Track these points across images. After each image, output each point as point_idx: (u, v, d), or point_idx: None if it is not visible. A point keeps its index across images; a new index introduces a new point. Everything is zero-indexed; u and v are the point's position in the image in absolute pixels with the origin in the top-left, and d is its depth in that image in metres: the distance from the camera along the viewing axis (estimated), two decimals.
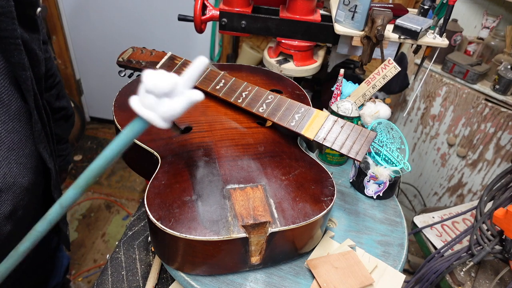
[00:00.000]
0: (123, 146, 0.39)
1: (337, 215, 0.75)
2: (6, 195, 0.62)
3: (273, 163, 0.65)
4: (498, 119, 1.50)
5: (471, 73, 1.52)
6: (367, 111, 0.84)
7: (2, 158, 0.60)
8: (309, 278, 0.63)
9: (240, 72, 0.88)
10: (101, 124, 2.57)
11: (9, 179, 0.62)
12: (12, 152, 0.62)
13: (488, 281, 0.89)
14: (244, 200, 0.58)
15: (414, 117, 1.79)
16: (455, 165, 1.70)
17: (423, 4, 0.92)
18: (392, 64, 0.83)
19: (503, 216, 0.74)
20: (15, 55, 0.58)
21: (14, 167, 0.62)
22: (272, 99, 0.72)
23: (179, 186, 0.59)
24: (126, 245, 0.77)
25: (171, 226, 0.53)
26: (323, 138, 0.65)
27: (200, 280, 0.60)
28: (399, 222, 0.76)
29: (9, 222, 0.65)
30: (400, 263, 0.68)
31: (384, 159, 0.78)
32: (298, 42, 1.00)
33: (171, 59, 0.83)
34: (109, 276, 0.71)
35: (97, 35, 2.17)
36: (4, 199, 0.62)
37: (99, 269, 1.71)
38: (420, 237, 1.09)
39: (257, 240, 0.57)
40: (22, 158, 0.65)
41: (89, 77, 2.39)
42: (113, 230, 1.90)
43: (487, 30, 1.63)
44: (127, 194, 2.11)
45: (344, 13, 0.90)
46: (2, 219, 0.63)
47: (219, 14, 0.97)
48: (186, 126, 0.71)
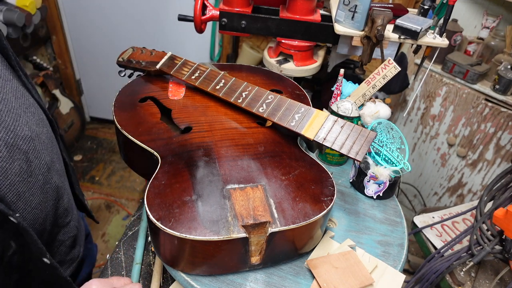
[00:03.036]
0: None
1: (337, 215, 0.75)
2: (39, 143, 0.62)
3: (273, 163, 0.65)
4: (498, 119, 1.50)
5: (471, 73, 1.52)
6: (367, 111, 0.84)
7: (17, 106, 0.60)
8: (309, 278, 0.63)
9: (240, 72, 0.88)
10: (101, 124, 2.58)
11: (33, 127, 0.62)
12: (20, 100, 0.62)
13: (488, 281, 0.89)
14: (244, 200, 0.58)
15: (414, 117, 1.79)
16: (455, 165, 1.70)
17: (423, 4, 0.92)
18: (392, 64, 0.83)
19: (503, 216, 0.74)
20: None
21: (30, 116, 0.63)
22: (272, 99, 0.72)
23: (179, 186, 0.59)
24: (126, 245, 0.77)
25: (171, 226, 0.53)
26: (323, 138, 0.65)
27: (200, 280, 0.60)
28: (399, 222, 0.76)
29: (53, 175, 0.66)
30: (400, 263, 0.68)
31: (384, 159, 0.78)
32: (298, 42, 1.00)
33: (171, 59, 0.83)
34: (109, 276, 0.71)
35: (97, 35, 2.17)
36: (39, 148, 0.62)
37: (99, 269, 1.71)
38: (420, 237, 1.09)
39: (257, 240, 0.57)
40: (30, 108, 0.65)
41: (89, 77, 2.39)
42: (113, 230, 1.90)
43: (487, 30, 1.63)
44: (127, 194, 2.11)
45: (344, 13, 0.90)
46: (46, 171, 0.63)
47: (219, 14, 0.97)
48: (186, 126, 0.71)
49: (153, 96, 0.78)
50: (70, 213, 0.74)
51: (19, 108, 0.60)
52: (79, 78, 2.39)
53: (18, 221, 0.51)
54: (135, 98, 0.77)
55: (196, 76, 0.79)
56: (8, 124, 0.55)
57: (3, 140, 0.53)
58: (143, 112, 0.73)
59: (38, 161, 0.61)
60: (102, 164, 2.29)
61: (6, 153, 0.54)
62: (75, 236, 0.76)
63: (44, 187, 0.62)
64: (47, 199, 0.63)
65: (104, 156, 2.34)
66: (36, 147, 0.61)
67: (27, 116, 0.61)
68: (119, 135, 0.71)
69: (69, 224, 0.74)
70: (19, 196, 0.56)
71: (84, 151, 2.36)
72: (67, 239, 0.74)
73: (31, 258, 0.57)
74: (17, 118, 0.58)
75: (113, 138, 2.47)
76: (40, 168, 0.61)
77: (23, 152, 0.57)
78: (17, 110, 0.59)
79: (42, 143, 0.63)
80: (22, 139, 0.57)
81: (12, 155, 0.55)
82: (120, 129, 0.69)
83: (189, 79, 0.79)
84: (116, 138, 0.75)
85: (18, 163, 0.56)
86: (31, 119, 0.62)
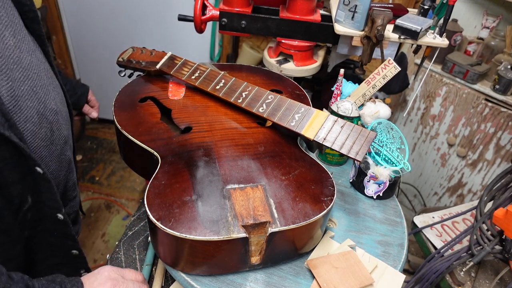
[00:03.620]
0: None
1: (337, 215, 0.75)
2: (61, 118, 0.71)
3: (273, 163, 0.65)
4: (498, 119, 1.50)
5: (471, 73, 1.52)
6: (367, 111, 0.84)
7: (47, 83, 0.68)
8: (309, 278, 0.63)
9: (240, 72, 0.88)
10: (101, 124, 2.57)
11: (58, 104, 0.70)
12: (49, 80, 0.70)
13: (488, 281, 0.89)
14: (244, 200, 0.58)
15: (414, 117, 1.79)
16: (455, 165, 1.70)
17: (423, 4, 0.92)
18: (392, 64, 0.83)
19: (503, 216, 0.74)
20: None
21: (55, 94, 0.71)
22: (272, 99, 0.72)
23: (179, 186, 0.59)
24: (126, 245, 0.77)
25: (171, 226, 0.53)
26: (323, 138, 0.65)
27: (200, 280, 0.60)
28: (399, 222, 0.76)
29: (67, 148, 0.74)
30: (400, 263, 0.68)
31: (384, 159, 0.78)
32: (298, 42, 1.00)
33: (171, 59, 0.83)
34: None
35: (97, 35, 2.17)
36: (61, 122, 0.71)
37: None
38: (420, 237, 1.09)
39: (257, 240, 0.57)
40: (56, 88, 0.72)
41: (89, 77, 2.39)
42: (113, 230, 1.90)
43: (487, 30, 1.63)
44: (127, 194, 2.11)
45: (344, 13, 0.90)
46: (63, 143, 0.71)
47: (219, 14, 0.97)
48: (186, 126, 0.71)
49: (153, 96, 0.78)
50: (76, 189, 0.81)
51: (49, 86, 0.68)
52: (79, 78, 2.39)
53: (44, 172, 0.60)
54: (135, 98, 0.77)
55: (196, 76, 0.79)
56: (41, 97, 0.64)
57: (36, 108, 0.62)
58: (143, 112, 0.73)
59: (59, 132, 0.70)
60: (102, 164, 2.29)
61: (37, 119, 0.62)
62: (77, 213, 0.81)
63: (60, 157, 0.70)
64: (61, 169, 0.71)
65: (104, 156, 2.34)
66: (59, 120, 0.70)
67: (54, 94, 0.70)
68: (119, 135, 0.71)
69: (75, 199, 0.80)
70: (41, 160, 0.65)
71: (84, 151, 2.36)
72: (72, 213, 0.79)
73: (45, 215, 0.65)
74: (47, 93, 0.67)
75: (113, 138, 2.47)
76: (59, 139, 0.70)
77: (49, 122, 0.66)
78: (48, 87, 0.68)
79: (63, 118, 0.72)
80: (49, 111, 0.66)
81: (41, 123, 0.63)
82: (120, 129, 0.69)
83: (189, 79, 0.79)
84: (116, 138, 0.75)
85: (44, 130, 0.65)
86: (56, 97, 0.71)
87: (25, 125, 0.60)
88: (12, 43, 0.59)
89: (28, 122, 0.60)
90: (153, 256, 0.74)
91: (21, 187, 0.58)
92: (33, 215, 0.63)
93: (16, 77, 0.58)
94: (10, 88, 0.57)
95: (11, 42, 0.59)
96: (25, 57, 0.62)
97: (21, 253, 0.65)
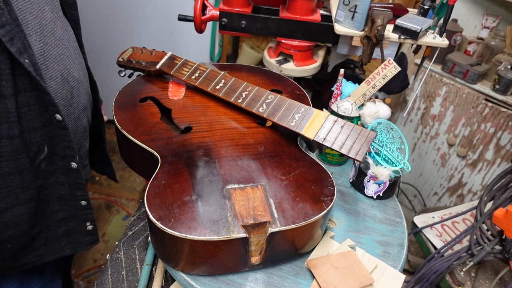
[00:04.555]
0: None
1: (337, 215, 0.75)
2: (82, 87, 0.78)
3: (273, 163, 0.65)
4: (498, 119, 1.50)
5: (471, 73, 1.52)
6: (367, 111, 0.84)
7: (74, 56, 0.76)
8: (309, 278, 0.63)
9: (240, 72, 0.88)
10: None
11: (81, 75, 0.78)
12: (76, 55, 0.78)
13: (488, 281, 0.89)
14: (244, 200, 0.58)
15: (414, 117, 1.79)
16: (455, 165, 1.70)
17: (423, 4, 0.92)
18: (392, 64, 0.83)
19: (503, 216, 0.74)
20: None
21: (79, 67, 0.79)
22: (272, 99, 0.72)
23: (179, 186, 0.59)
24: (126, 245, 0.77)
25: (171, 226, 0.53)
26: (323, 138, 0.65)
27: (200, 280, 0.60)
28: (399, 222, 0.76)
29: (85, 116, 0.81)
30: (400, 263, 0.68)
31: (384, 159, 0.78)
32: (298, 42, 1.00)
33: (171, 59, 0.83)
34: (109, 276, 0.71)
35: (97, 35, 2.17)
36: (81, 90, 0.78)
37: (99, 269, 1.71)
38: (420, 237, 1.09)
39: (257, 240, 0.57)
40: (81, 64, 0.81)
41: None
42: (113, 230, 1.90)
43: (487, 30, 1.63)
44: (127, 194, 2.11)
45: (344, 13, 0.90)
46: (82, 110, 0.78)
47: (219, 14, 0.97)
48: (186, 126, 0.71)
49: (153, 96, 0.78)
50: (87, 159, 0.88)
51: (75, 58, 0.77)
52: None
53: (63, 118, 0.67)
54: (135, 98, 0.77)
55: (196, 76, 0.79)
56: (66, 64, 0.73)
57: (60, 71, 0.71)
58: (143, 112, 0.73)
59: (78, 98, 0.77)
60: None
61: (60, 80, 0.71)
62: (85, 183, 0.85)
63: (76, 121, 0.77)
64: (76, 133, 0.78)
65: None
66: (79, 88, 0.77)
67: (79, 66, 0.79)
68: (119, 135, 0.71)
69: (85, 168, 0.87)
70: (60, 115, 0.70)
71: None
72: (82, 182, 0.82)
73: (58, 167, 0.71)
74: (72, 63, 0.75)
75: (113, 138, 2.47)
76: (79, 104, 0.77)
77: (70, 87, 0.74)
78: (74, 59, 0.76)
79: (84, 88, 0.80)
80: (72, 77, 0.75)
81: (63, 84, 0.71)
82: (120, 129, 0.69)
83: (189, 79, 0.79)
84: (116, 138, 0.75)
85: (65, 92, 0.72)
86: (80, 70, 0.79)
87: (49, 82, 0.68)
88: (49, 17, 0.69)
89: (52, 80, 0.69)
90: (153, 256, 0.74)
91: (40, 134, 0.66)
92: (47, 166, 0.69)
93: (48, 42, 0.68)
94: (41, 49, 0.66)
95: (49, 15, 0.69)
96: (58, 30, 0.71)
97: (31, 199, 0.69)
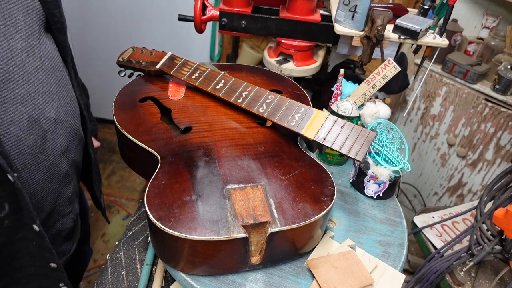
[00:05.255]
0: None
1: (337, 215, 0.75)
2: (61, 128, 0.70)
3: (273, 163, 0.65)
4: (498, 119, 1.50)
5: (471, 73, 1.52)
6: (367, 111, 0.84)
7: (54, 91, 0.68)
8: (309, 278, 0.63)
9: (240, 72, 0.88)
10: (101, 124, 2.57)
11: (61, 114, 0.70)
12: (60, 88, 0.70)
13: (488, 281, 0.89)
14: (244, 200, 0.58)
15: (414, 117, 1.79)
16: (455, 165, 1.70)
17: (423, 4, 0.92)
18: (392, 64, 0.83)
19: (503, 216, 0.74)
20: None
21: (62, 103, 0.70)
22: (272, 99, 0.72)
23: (179, 186, 0.59)
24: (126, 245, 0.77)
25: (171, 226, 0.53)
26: (323, 138, 0.65)
27: (200, 280, 0.60)
28: (399, 222, 0.76)
29: (64, 161, 0.72)
30: (400, 263, 0.68)
31: (384, 159, 0.78)
32: (298, 42, 1.00)
33: (171, 59, 0.83)
34: (109, 276, 0.71)
35: (97, 35, 2.17)
36: (60, 132, 0.69)
37: (99, 269, 1.71)
38: (420, 237, 1.09)
39: (257, 240, 0.57)
40: (66, 98, 0.72)
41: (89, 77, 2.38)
42: (113, 230, 1.90)
43: (487, 30, 1.63)
44: (127, 194, 2.11)
45: (344, 13, 0.90)
46: (59, 154, 0.70)
47: (219, 14, 0.97)
48: (186, 126, 0.71)
49: (153, 96, 0.78)
50: (72, 205, 0.78)
51: (55, 94, 0.68)
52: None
53: (14, 180, 0.56)
54: (135, 98, 0.77)
55: (196, 76, 0.79)
56: (39, 103, 0.63)
57: (28, 113, 0.61)
58: (143, 112, 0.73)
59: (54, 142, 0.67)
60: (102, 164, 2.28)
61: (26, 125, 0.61)
62: (72, 229, 0.79)
63: (51, 168, 0.68)
64: (51, 180, 0.69)
65: (104, 156, 2.34)
66: (57, 130, 0.68)
67: (59, 103, 0.69)
68: (119, 135, 0.71)
69: (69, 215, 0.78)
70: (24, 166, 0.62)
71: None
72: (64, 230, 0.77)
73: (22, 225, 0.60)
74: (49, 101, 0.66)
75: (113, 138, 2.47)
76: (54, 149, 0.68)
77: (43, 130, 0.64)
78: (52, 95, 0.67)
79: (65, 130, 0.70)
80: (46, 119, 0.65)
81: (31, 129, 0.62)
82: (120, 129, 0.69)
83: (189, 79, 0.79)
84: (116, 138, 0.75)
85: (34, 137, 0.63)
86: (62, 106, 0.70)
87: (9, 128, 0.59)
88: (19, 47, 0.60)
89: (13, 125, 0.59)
90: (153, 256, 0.74)
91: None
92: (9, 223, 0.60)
93: (13, 79, 0.59)
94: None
95: (18, 45, 0.60)
96: (31, 62, 0.63)
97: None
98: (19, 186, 0.58)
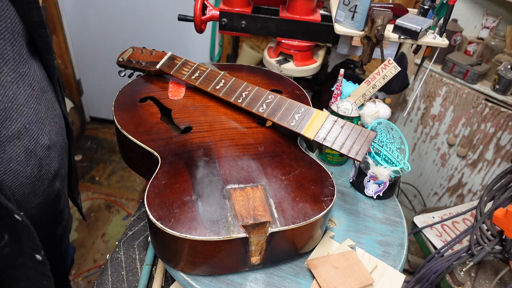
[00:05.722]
0: None
1: (337, 215, 0.75)
2: (54, 152, 0.68)
3: (273, 163, 0.65)
4: (498, 119, 1.50)
5: (471, 73, 1.52)
6: (367, 111, 0.84)
7: (45, 116, 0.65)
8: (309, 278, 0.63)
9: (240, 72, 0.88)
10: (101, 124, 2.57)
11: (53, 137, 0.68)
12: (49, 111, 0.67)
13: (488, 281, 0.89)
14: (244, 200, 0.58)
15: (414, 117, 1.79)
16: (455, 165, 1.70)
17: (423, 4, 0.92)
18: (392, 64, 0.83)
19: (503, 216, 0.74)
20: (34, 13, 0.60)
21: (53, 126, 0.68)
22: (272, 99, 0.72)
23: (179, 186, 0.59)
24: (126, 245, 0.77)
25: (171, 226, 0.53)
26: (323, 138, 0.65)
27: (200, 280, 0.60)
28: (399, 222, 0.76)
29: (57, 180, 0.72)
30: (400, 263, 0.68)
31: (384, 159, 0.78)
32: (298, 42, 1.00)
33: (171, 59, 0.83)
34: (109, 276, 0.71)
35: (97, 35, 2.17)
36: (53, 156, 0.68)
37: (99, 269, 1.71)
38: (420, 237, 1.09)
39: (257, 240, 0.57)
40: (56, 118, 0.70)
41: (89, 77, 2.39)
42: (113, 230, 1.90)
43: (487, 30, 1.63)
44: (127, 194, 2.11)
45: (344, 13, 0.90)
46: (52, 177, 0.69)
47: (219, 14, 0.97)
48: (186, 126, 0.71)
49: (153, 96, 0.78)
50: (63, 214, 0.79)
51: (46, 119, 0.65)
52: (79, 78, 2.39)
53: (22, 219, 0.56)
54: (135, 98, 0.77)
55: (196, 76, 0.79)
56: (33, 133, 0.61)
57: (24, 146, 0.59)
58: (143, 112, 0.73)
59: (48, 167, 0.66)
60: (102, 164, 2.28)
61: (24, 158, 0.59)
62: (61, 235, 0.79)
63: (47, 190, 0.67)
64: (47, 201, 0.69)
65: (104, 156, 2.34)
66: (51, 155, 0.66)
67: (50, 126, 0.67)
68: (119, 135, 0.71)
69: (61, 224, 0.78)
70: (23, 196, 0.61)
71: (84, 151, 2.36)
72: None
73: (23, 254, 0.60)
74: (42, 127, 0.64)
75: (113, 138, 2.47)
76: (48, 174, 0.67)
77: (38, 159, 0.63)
78: (44, 120, 0.65)
79: (56, 151, 0.69)
80: (41, 147, 0.63)
81: (28, 160, 0.60)
82: (120, 129, 0.69)
83: (189, 79, 0.79)
84: (116, 138, 0.75)
85: (31, 167, 0.61)
86: (53, 128, 0.68)
87: (8, 165, 0.57)
88: (9, 79, 0.57)
89: (12, 161, 0.57)
90: (153, 256, 0.74)
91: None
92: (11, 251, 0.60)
93: (9, 116, 0.56)
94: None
95: (8, 78, 0.57)
96: (22, 91, 0.60)
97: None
98: (27, 223, 0.57)
